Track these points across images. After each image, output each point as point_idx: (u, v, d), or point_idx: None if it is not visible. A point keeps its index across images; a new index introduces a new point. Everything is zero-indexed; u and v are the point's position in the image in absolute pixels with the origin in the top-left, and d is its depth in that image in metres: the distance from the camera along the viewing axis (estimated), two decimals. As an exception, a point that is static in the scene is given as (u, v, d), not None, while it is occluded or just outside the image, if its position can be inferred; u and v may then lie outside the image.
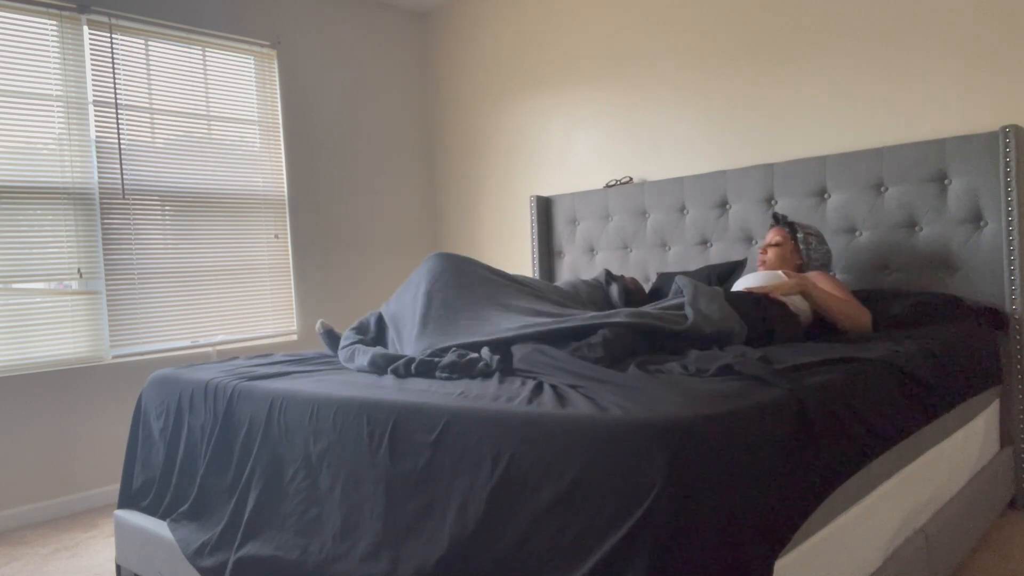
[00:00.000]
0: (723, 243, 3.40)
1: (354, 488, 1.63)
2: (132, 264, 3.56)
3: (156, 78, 3.68)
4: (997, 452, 2.65)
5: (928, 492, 2.07)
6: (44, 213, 3.29)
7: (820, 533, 1.52)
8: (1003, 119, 2.75)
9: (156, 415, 2.32)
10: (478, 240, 4.71)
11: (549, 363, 1.78)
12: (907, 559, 1.83)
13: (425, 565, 1.43)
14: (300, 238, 4.25)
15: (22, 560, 2.77)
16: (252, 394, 1.97)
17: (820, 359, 1.80)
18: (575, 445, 1.28)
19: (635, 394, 1.45)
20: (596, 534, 1.21)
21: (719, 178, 3.40)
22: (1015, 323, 2.63)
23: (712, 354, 1.86)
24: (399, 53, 4.81)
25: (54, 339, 3.31)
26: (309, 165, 4.30)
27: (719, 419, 1.28)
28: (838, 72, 3.13)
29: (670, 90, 3.69)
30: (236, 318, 3.95)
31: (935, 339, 2.23)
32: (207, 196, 3.84)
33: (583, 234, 3.96)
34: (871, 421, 1.69)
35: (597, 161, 4.03)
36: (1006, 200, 2.63)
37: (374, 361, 2.05)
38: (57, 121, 3.34)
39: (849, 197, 3.02)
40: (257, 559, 1.75)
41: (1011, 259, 2.62)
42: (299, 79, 4.25)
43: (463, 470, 1.42)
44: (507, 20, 4.43)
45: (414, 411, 1.55)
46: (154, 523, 2.18)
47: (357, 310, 4.52)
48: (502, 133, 4.51)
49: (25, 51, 3.26)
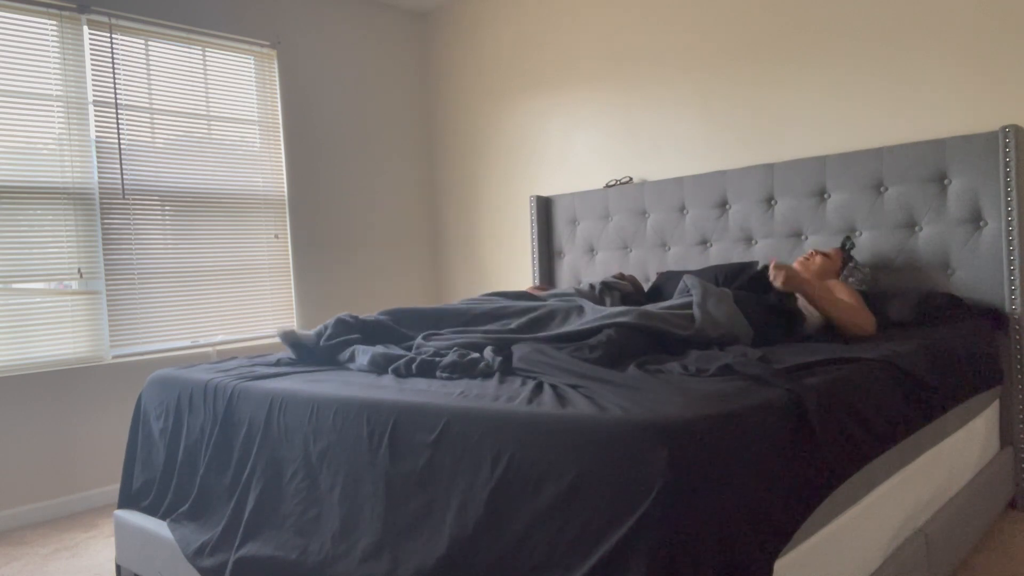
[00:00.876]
0: (723, 243, 3.40)
1: (354, 488, 1.63)
2: (132, 264, 3.56)
3: (156, 78, 3.68)
4: (997, 452, 2.65)
5: (928, 492, 2.07)
6: (44, 213, 3.29)
7: (820, 533, 1.52)
8: (1003, 119, 2.75)
9: (156, 415, 2.31)
10: (478, 240, 4.71)
11: (548, 363, 1.77)
12: (907, 559, 1.83)
13: (425, 565, 1.43)
14: (300, 238, 4.25)
15: (22, 560, 2.77)
16: (252, 394, 1.97)
17: (820, 359, 1.80)
18: (575, 445, 1.28)
19: (635, 394, 1.45)
20: (596, 534, 1.21)
21: (719, 178, 3.40)
22: (1015, 323, 2.63)
23: (712, 354, 1.86)
24: (399, 53, 4.81)
25: (54, 339, 3.31)
26: (309, 165, 4.30)
27: (719, 419, 1.28)
28: (838, 72, 3.13)
29: (670, 90, 3.69)
30: (236, 318, 3.95)
31: (935, 339, 2.22)
32: (207, 196, 3.84)
33: (583, 234, 3.96)
34: (871, 421, 1.69)
35: (597, 161, 4.03)
36: (1006, 200, 2.63)
37: (374, 360, 2.05)
38: (57, 121, 3.34)
39: (849, 197, 3.02)
40: (257, 559, 1.75)
41: (1011, 259, 2.62)
42: (299, 79, 4.25)
43: (463, 470, 1.42)
44: (507, 20, 4.43)
45: (414, 411, 1.55)
46: (154, 523, 2.18)
47: (357, 310, 4.52)
48: (502, 133, 4.51)
49: (25, 51, 3.26)
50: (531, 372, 1.74)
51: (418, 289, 4.89)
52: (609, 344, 1.91)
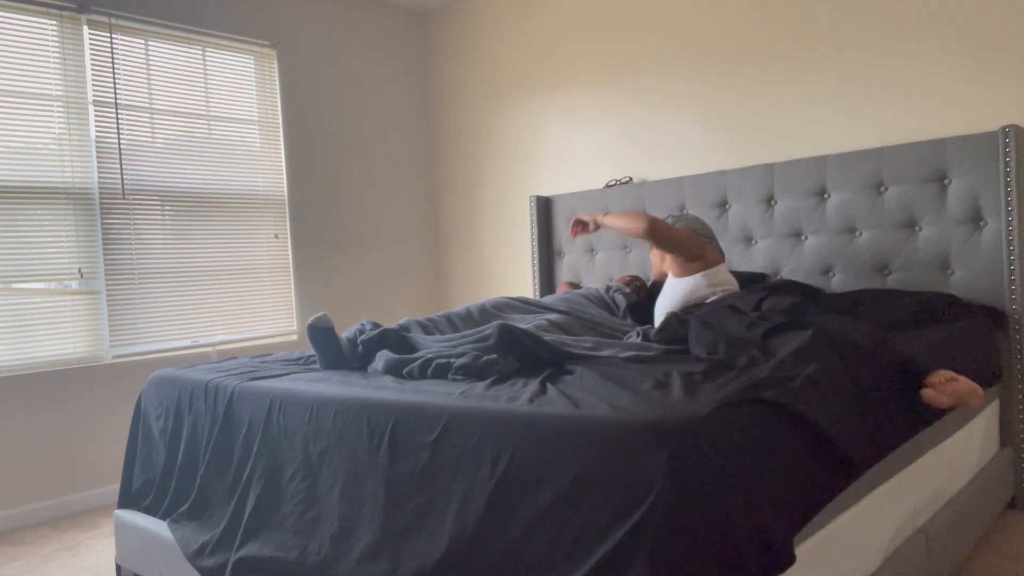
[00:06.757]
0: (723, 243, 3.40)
1: (354, 488, 1.63)
2: (132, 264, 3.56)
3: (156, 78, 3.68)
4: (997, 452, 2.65)
5: (928, 492, 2.07)
6: (44, 213, 3.29)
7: (820, 533, 1.52)
8: (1003, 119, 2.75)
9: (156, 415, 2.32)
10: (478, 240, 4.71)
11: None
12: (907, 559, 1.83)
13: (425, 565, 1.43)
14: (300, 238, 4.25)
15: (22, 560, 2.77)
16: (252, 394, 1.97)
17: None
18: (575, 445, 1.28)
19: (619, 392, 1.44)
20: (596, 534, 1.21)
21: (719, 178, 3.40)
22: (1015, 323, 2.63)
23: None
24: (399, 53, 4.81)
25: (54, 339, 3.31)
26: (309, 165, 4.30)
27: (719, 419, 1.28)
28: (838, 72, 3.13)
29: (670, 90, 3.69)
30: (236, 318, 3.95)
31: (935, 339, 2.22)
32: (207, 196, 3.84)
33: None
34: (871, 421, 1.69)
35: (597, 161, 4.03)
36: (1006, 200, 2.63)
37: (388, 365, 2.02)
38: (57, 121, 3.34)
39: (849, 197, 3.02)
40: (257, 559, 1.75)
41: (1011, 259, 2.62)
42: (299, 79, 4.25)
43: (463, 470, 1.42)
44: (507, 20, 4.43)
45: (414, 411, 1.55)
46: (154, 523, 2.18)
47: (357, 310, 4.53)
48: (502, 133, 4.51)
49: (25, 51, 3.26)
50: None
51: (418, 289, 4.89)
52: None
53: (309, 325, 2.17)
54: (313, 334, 2.17)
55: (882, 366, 1.80)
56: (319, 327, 2.16)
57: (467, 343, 2.01)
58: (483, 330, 2.07)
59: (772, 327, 1.91)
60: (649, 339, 2.24)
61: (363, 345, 2.21)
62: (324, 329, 2.17)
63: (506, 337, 1.92)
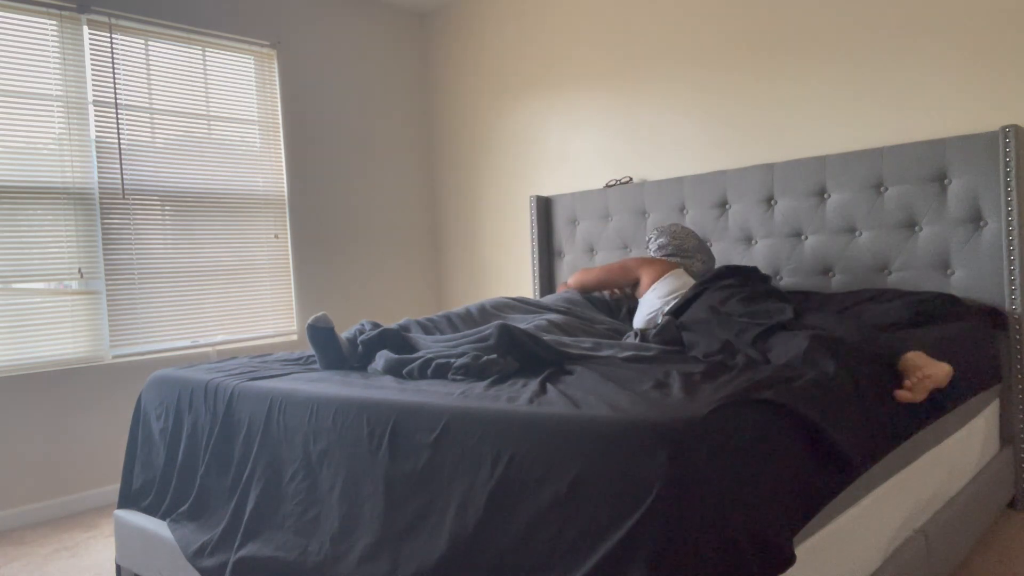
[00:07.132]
0: (723, 243, 3.40)
1: (354, 488, 1.63)
2: (132, 264, 3.56)
3: (156, 78, 3.68)
4: (997, 452, 2.65)
5: (928, 492, 2.07)
6: (44, 213, 3.29)
7: (820, 533, 1.52)
8: (1003, 119, 2.75)
9: (156, 415, 2.32)
10: (478, 240, 4.71)
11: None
12: (907, 559, 1.83)
13: (425, 565, 1.43)
14: (300, 238, 4.25)
15: (22, 560, 2.77)
16: (252, 394, 1.97)
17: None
18: (575, 445, 1.28)
19: (616, 392, 1.44)
20: (596, 534, 1.21)
21: (719, 178, 3.40)
22: (1015, 323, 2.63)
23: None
24: (399, 53, 4.81)
25: (54, 339, 3.31)
26: (309, 165, 4.30)
27: (719, 419, 1.28)
28: (838, 72, 3.13)
29: (670, 90, 3.69)
30: (236, 318, 3.95)
31: (934, 338, 2.22)
32: (207, 196, 3.84)
33: (583, 234, 3.96)
34: (872, 422, 1.69)
35: (597, 161, 4.03)
36: (1006, 200, 2.63)
37: (388, 365, 2.02)
38: (57, 121, 3.34)
39: (849, 197, 3.02)
40: (257, 559, 1.75)
41: (1011, 259, 2.62)
42: (299, 79, 4.25)
43: (463, 470, 1.42)
44: (507, 20, 4.43)
45: (414, 411, 1.55)
46: (154, 523, 2.18)
47: (357, 310, 4.53)
48: (502, 133, 4.51)
49: (25, 51, 3.26)
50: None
51: (418, 289, 4.89)
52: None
53: (309, 325, 2.18)
54: (313, 334, 2.17)
55: (866, 361, 1.81)
56: (319, 327, 2.17)
57: (467, 343, 2.01)
58: (483, 330, 2.07)
59: (763, 330, 1.91)
60: (647, 340, 2.25)
61: (363, 345, 2.21)
62: (324, 329, 2.17)
63: (506, 337, 1.91)
